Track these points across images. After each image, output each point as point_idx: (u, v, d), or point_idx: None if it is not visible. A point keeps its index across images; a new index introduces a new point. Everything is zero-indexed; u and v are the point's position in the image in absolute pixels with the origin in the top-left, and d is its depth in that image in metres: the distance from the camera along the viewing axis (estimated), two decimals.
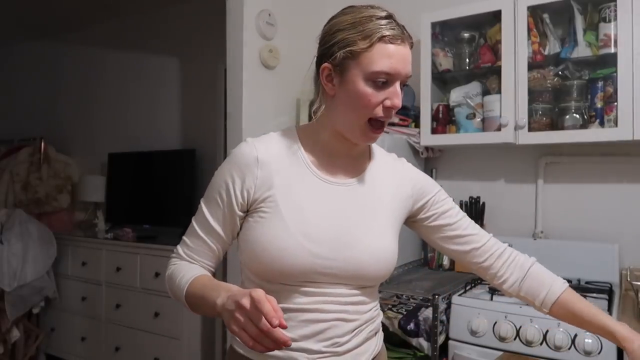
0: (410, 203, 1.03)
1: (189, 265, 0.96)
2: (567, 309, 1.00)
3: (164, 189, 3.41)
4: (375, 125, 0.91)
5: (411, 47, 0.91)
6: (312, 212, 0.92)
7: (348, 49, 0.87)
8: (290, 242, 0.88)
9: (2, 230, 3.14)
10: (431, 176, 2.34)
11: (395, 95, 0.88)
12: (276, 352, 0.89)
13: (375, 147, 1.05)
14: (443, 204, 1.05)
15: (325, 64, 0.90)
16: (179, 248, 1.00)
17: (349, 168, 0.98)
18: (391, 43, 0.86)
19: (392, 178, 1.02)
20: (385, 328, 1.87)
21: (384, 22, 0.87)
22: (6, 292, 3.02)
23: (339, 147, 0.96)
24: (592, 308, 0.99)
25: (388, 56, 0.86)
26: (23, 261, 3.10)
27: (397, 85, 0.89)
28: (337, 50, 0.88)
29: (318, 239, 0.90)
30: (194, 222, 0.98)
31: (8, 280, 3.00)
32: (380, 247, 0.95)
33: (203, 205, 0.97)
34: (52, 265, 3.30)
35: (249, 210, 0.94)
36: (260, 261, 0.90)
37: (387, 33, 0.86)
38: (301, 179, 0.94)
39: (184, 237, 0.99)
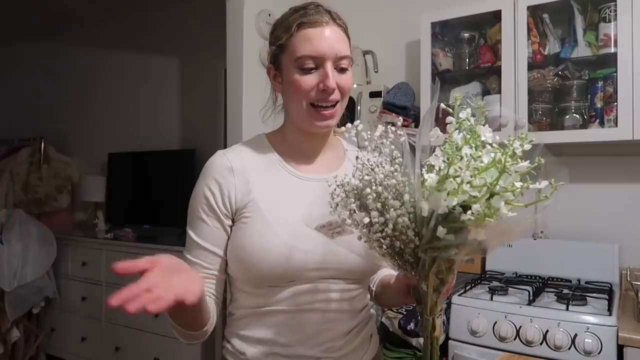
0: None
1: None
2: (381, 286, 1.04)
3: (164, 189, 3.41)
4: (319, 111, 0.91)
5: (345, 30, 0.93)
6: (294, 209, 0.91)
7: (277, 44, 0.92)
8: (276, 242, 0.88)
9: (2, 230, 3.14)
10: None
11: (325, 77, 0.89)
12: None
13: (347, 143, 1.06)
14: None
15: (269, 65, 0.96)
16: None
17: (325, 164, 0.99)
18: (310, 27, 0.89)
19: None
20: (385, 328, 1.87)
21: (307, 11, 0.90)
22: (6, 292, 3.02)
23: (307, 144, 0.98)
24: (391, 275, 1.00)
25: (308, 40, 0.88)
26: (23, 261, 3.10)
27: (328, 66, 0.89)
28: (271, 49, 0.94)
29: (303, 235, 0.89)
30: (185, 255, 0.94)
31: (8, 280, 3.00)
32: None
33: (190, 233, 0.94)
34: (52, 265, 3.30)
35: (234, 220, 0.93)
36: (248, 266, 0.89)
37: (304, 19, 0.89)
38: (278, 180, 0.94)
39: None
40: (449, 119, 0.79)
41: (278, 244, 0.87)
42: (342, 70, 0.91)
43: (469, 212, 0.65)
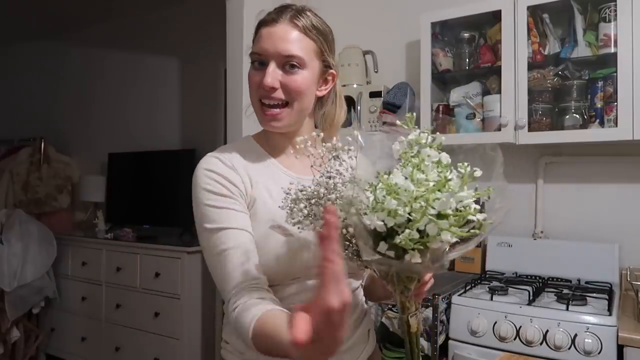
0: None
1: (249, 302, 0.77)
2: (367, 280, 1.06)
3: (164, 189, 3.40)
4: (263, 109, 0.91)
5: (295, 27, 0.90)
6: None
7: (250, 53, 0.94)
8: (280, 241, 0.87)
9: (2, 230, 3.14)
10: None
11: (263, 74, 0.89)
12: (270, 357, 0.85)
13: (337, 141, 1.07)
14: None
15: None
16: (230, 300, 0.80)
17: (307, 162, 0.96)
18: (263, 27, 0.91)
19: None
20: (385, 328, 1.87)
21: (265, 13, 0.93)
22: (6, 292, 3.02)
23: (286, 143, 0.97)
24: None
25: (259, 38, 0.91)
26: (23, 261, 3.10)
27: (270, 65, 0.88)
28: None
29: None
30: (212, 254, 0.83)
31: (8, 280, 3.00)
32: None
33: (207, 226, 0.84)
34: (52, 265, 3.30)
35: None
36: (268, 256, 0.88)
37: (263, 18, 0.93)
38: (274, 177, 0.93)
39: (220, 277, 0.82)
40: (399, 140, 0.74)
41: (279, 242, 0.87)
42: (289, 71, 0.89)
43: (402, 234, 0.62)
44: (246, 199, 0.89)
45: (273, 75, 0.88)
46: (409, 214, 0.63)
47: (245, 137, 1.02)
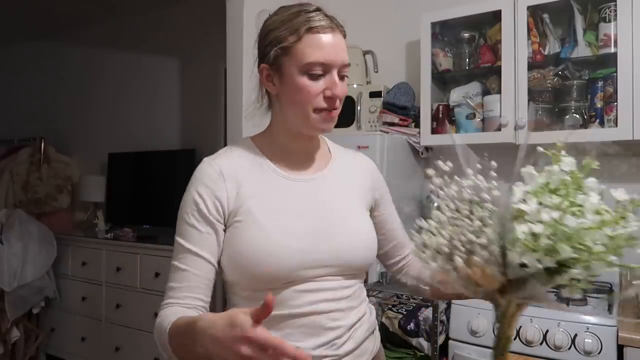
0: (371, 195, 1.06)
1: (173, 311, 0.85)
2: (412, 280, 1.07)
3: (164, 189, 3.40)
4: (323, 114, 0.91)
5: (344, 36, 0.92)
6: (287, 210, 0.92)
7: (279, 45, 0.89)
8: (271, 243, 0.88)
9: (2, 230, 3.14)
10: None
11: (333, 85, 0.89)
12: None
13: (331, 143, 1.08)
14: (389, 205, 1.10)
15: (263, 65, 0.93)
16: (165, 300, 0.89)
17: (311, 165, 1.00)
18: (320, 33, 0.88)
19: (356, 170, 1.06)
20: (385, 328, 1.87)
21: (311, 14, 0.89)
22: (6, 292, 3.02)
23: (296, 145, 0.98)
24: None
25: (319, 47, 0.87)
26: (23, 261, 3.10)
27: (334, 74, 0.89)
28: (270, 49, 0.91)
29: (298, 234, 0.90)
30: (172, 264, 0.91)
31: (8, 280, 3.00)
32: (359, 231, 0.97)
33: (179, 240, 0.91)
34: (52, 265, 3.30)
35: (226, 225, 0.92)
36: (244, 270, 0.89)
37: (314, 24, 0.87)
38: (269, 183, 0.94)
39: (167, 285, 0.90)
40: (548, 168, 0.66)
41: (272, 246, 0.87)
42: (342, 78, 0.92)
43: (571, 272, 0.58)
44: (226, 213, 0.91)
45: (339, 83, 0.90)
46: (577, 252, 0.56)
47: (245, 140, 1.02)
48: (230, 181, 0.92)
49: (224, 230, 0.92)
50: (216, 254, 0.91)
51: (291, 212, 0.92)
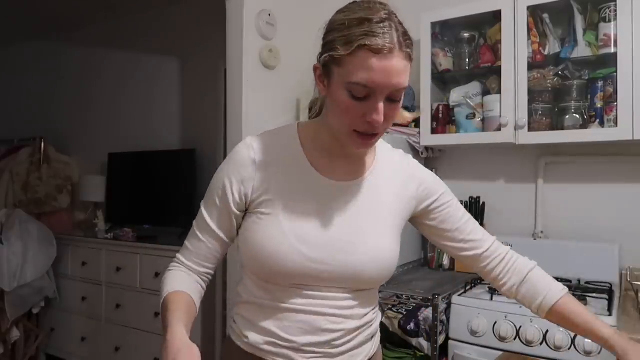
0: (414, 204, 1.00)
1: (177, 277, 0.95)
2: (563, 315, 1.01)
3: (164, 189, 3.40)
4: (360, 137, 0.85)
5: (407, 57, 0.83)
6: (309, 214, 0.90)
7: (330, 53, 0.82)
8: (284, 245, 0.88)
9: (2, 230, 3.13)
10: None
11: (374, 111, 0.81)
12: (271, 348, 0.91)
13: (381, 143, 1.00)
14: (447, 207, 1.02)
15: (316, 64, 0.88)
16: (179, 255, 0.99)
17: (351, 168, 0.95)
18: (375, 53, 0.78)
19: (397, 178, 0.99)
20: (385, 328, 1.87)
21: (374, 27, 0.78)
22: (6, 292, 3.02)
23: (339, 147, 0.93)
24: (587, 315, 0.98)
25: (368, 68, 0.78)
26: (23, 261, 3.09)
27: (379, 98, 0.81)
28: (325, 51, 0.84)
29: (313, 243, 0.89)
30: (194, 225, 0.98)
31: (8, 280, 3.00)
32: (379, 251, 0.93)
33: (202, 208, 0.96)
34: (52, 265, 3.30)
35: (247, 210, 0.94)
36: (256, 261, 0.91)
37: (371, 42, 0.78)
38: (300, 180, 0.92)
39: (185, 242, 0.99)
40: None
41: (284, 248, 0.88)
42: (394, 101, 0.84)
43: None
44: (249, 201, 0.92)
45: (383, 111, 0.82)
46: None
47: (291, 127, 0.98)
48: (262, 171, 0.91)
49: (245, 213, 0.94)
50: (233, 234, 0.96)
51: (315, 217, 0.91)
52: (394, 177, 0.99)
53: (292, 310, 0.91)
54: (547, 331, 1.56)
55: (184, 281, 0.94)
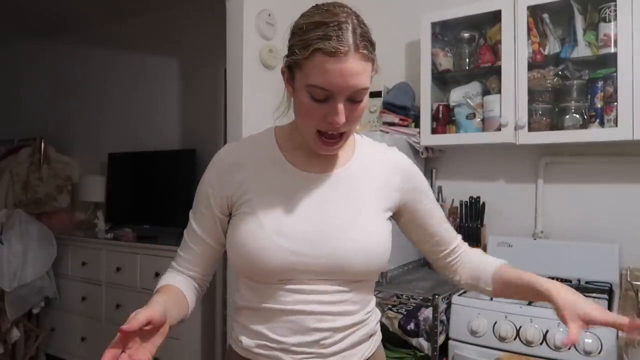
0: (399, 195, 1.00)
1: (170, 275, 1.00)
2: (504, 284, 1.01)
3: (164, 189, 3.41)
4: (323, 138, 0.88)
5: (365, 57, 0.83)
6: (290, 209, 0.91)
7: (291, 57, 0.85)
8: (265, 241, 0.88)
9: (2, 230, 3.13)
10: (431, 176, 2.36)
11: (333, 112, 0.83)
12: (262, 351, 0.92)
13: (360, 137, 1.03)
14: (427, 202, 1.04)
15: (282, 67, 0.90)
16: (173, 262, 1.03)
17: (328, 162, 0.96)
18: (329, 56, 0.79)
19: (381, 168, 1.00)
20: (385, 328, 1.87)
21: (329, 30, 0.80)
22: (6, 292, 3.02)
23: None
24: (526, 275, 0.98)
25: (324, 71, 0.80)
26: (23, 261, 3.09)
27: (339, 100, 0.83)
28: (287, 55, 0.87)
29: (295, 237, 0.89)
30: (184, 234, 1.01)
31: (8, 281, 3.00)
32: (365, 241, 0.92)
33: (190, 217, 1.00)
34: (52, 265, 3.30)
35: (231, 214, 0.96)
36: (241, 260, 0.92)
37: (324, 46, 0.79)
38: (277, 177, 0.94)
39: (178, 250, 1.02)
40: None
41: (265, 244, 0.88)
42: (355, 101, 0.85)
43: None
44: (231, 205, 0.95)
45: (343, 112, 0.84)
46: None
47: (269, 130, 1.01)
48: (241, 173, 0.94)
49: (229, 219, 0.97)
50: (221, 239, 0.98)
51: (295, 210, 0.91)
52: (377, 167, 1.00)
53: (281, 310, 0.91)
54: (547, 331, 1.56)
55: (175, 279, 0.98)
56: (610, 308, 1.60)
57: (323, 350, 0.91)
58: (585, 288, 1.82)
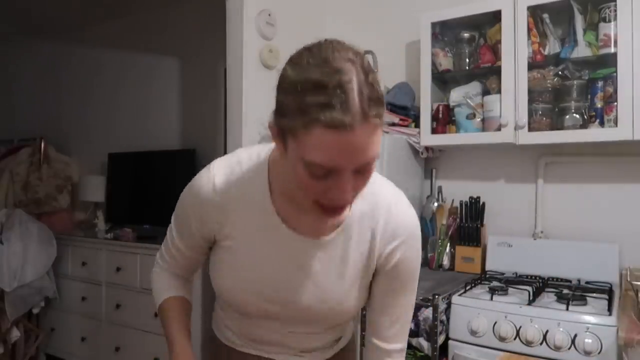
0: (376, 256, 0.89)
1: (165, 281, 1.03)
2: None
3: (164, 189, 3.40)
4: (321, 212, 0.73)
5: (375, 127, 0.66)
6: (271, 268, 0.87)
7: (283, 118, 0.68)
8: (242, 294, 0.91)
9: (2, 230, 3.13)
10: (431, 176, 2.36)
11: (337, 189, 0.68)
12: (251, 351, 0.99)
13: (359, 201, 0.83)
14: (391, 286, 0.91)
15: (270, 122, 0.73)
16: (159, 259, 1.05)
17: (318, 225, 0.85)
18: (332, 129, 0.63)
19: (367, 233, 0.87)
20: None
21: (331, 96, 0.62)
22: (6, 292, 3.02)
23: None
24: None
25: (325, 147, 0.64)
26: (23, 261, 3.09)
27: (345, 176, 0.68)
28: (277, 112, 0.70)
29: (272, 299, 0.89)
30: (167, 239, 1.02)
31: (8, 280, 3.00)
32: (340, 307, 0.90)
33: (173, 225, 1.00)
34: (52, 265, 3.30)
35: (214, 241, 0.94)
36: (216, 290, 0.95)
37: (326, 118, 0.62)
38: (263, 226, 0.85)
39: (161, 247, 1.04)
40: None
41: (245, 297, 0.91)
42: (363, 171, 0.70)
43: None
44: (213, 237, 0.92)
45: (349, 187, 0.69)
46: None
47: (262, 164, 0.86)
48: (225, 214, 0.86)
49: (212, 244, 0.96)
50: (205, 249, 0.97)
51: (274, 270, 0.87)
52: (363, 232, 0.87)
53: (255, 339, 0.98)
54: (547, 331, 1.56)
55: (171, 283, 1.02)
56: (610, 308, 1.59)
57: (299, 345, 0.99)
58: (585, 288, 1.81)
